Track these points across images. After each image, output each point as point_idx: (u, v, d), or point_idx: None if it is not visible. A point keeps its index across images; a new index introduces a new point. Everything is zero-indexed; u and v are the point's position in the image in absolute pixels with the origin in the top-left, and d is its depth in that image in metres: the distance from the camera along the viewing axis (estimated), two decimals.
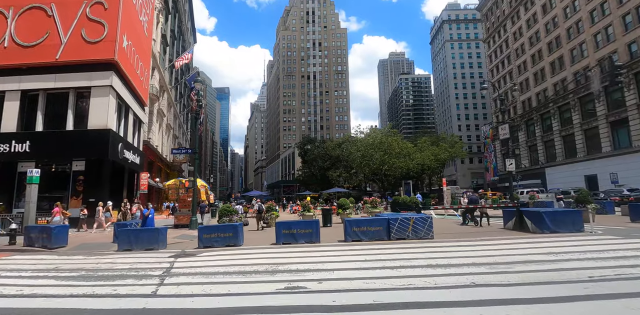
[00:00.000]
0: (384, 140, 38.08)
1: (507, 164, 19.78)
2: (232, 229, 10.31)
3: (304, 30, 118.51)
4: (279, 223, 10.48)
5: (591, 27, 44.04)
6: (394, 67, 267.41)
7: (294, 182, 76.70)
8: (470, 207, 13.65)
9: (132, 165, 22.88)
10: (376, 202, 19.19)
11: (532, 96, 56.42)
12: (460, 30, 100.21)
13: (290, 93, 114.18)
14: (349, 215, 18.25)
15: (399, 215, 10.76)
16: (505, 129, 20.18)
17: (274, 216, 17.93)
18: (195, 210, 16.53)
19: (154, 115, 31.90)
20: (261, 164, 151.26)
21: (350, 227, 10.29)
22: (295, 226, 10.36)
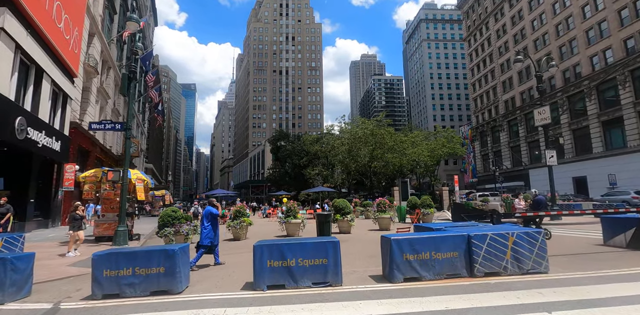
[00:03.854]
0: (376, 132, 33.21)
1: (548, 156, 15.67)
2: (165, 258, 5.02)
3: (276, 23, 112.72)
4: (261, 245, 5.26)
5: (583, 23, 42.13)
6: (366, 69, 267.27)
7: (263, 181, 70.68)
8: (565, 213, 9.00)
9: (47, 153, 16.60)
10: (385, 204, 14.41)
11: (516, 95, 54.48)
12: (438, 31, 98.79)
13: (260, 88, 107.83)
14: (350, 223, 13.26)
15: (479, 229, 5.90)
16: (544, 112, 16.10)
17: (245, 224, 12.56)
18: (124, 215, 10.83)
19: (91, 94, 25.32)
20: (228, 163, 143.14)
21: (400, 254, 5.32)
22: (293, 253, 5.18)
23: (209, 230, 7.51)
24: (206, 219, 7.67)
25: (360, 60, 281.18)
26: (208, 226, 7.55)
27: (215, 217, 7.73)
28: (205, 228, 7.53)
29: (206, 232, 7.52)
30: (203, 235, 7.51)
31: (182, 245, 5.47)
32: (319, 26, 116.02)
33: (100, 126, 11.45)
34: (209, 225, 7.58)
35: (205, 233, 7.52)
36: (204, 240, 7.47)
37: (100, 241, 11.93)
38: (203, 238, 7.48)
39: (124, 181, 10.80)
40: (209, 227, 7.54)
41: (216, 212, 7.78)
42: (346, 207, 13.22)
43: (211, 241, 7.53)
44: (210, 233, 7.52)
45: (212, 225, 7.63)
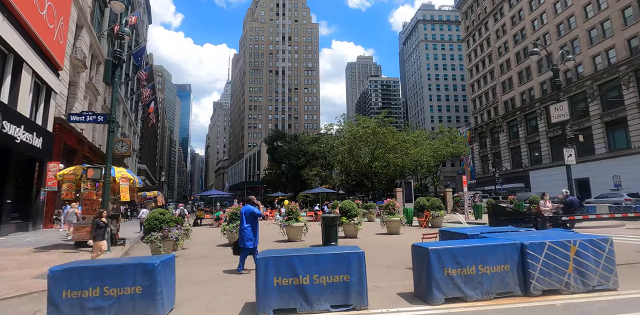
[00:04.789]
0: (378, 131, 32.02)
1: (566, 155, 14.67)
2: (143, 274, 3.91)
3: (273, 23, 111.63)
4: (267, 258, 4.11)
5: (585, 22, 41.53)
6: (362, 71, 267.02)
7: (259, 183, 69.31)
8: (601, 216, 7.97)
9: (27, 149, 15.33)
10: (394, 206, 13.31)
11: (516, 96, 53.83)
12: (435, 31, 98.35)
13: (257, 88, 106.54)
14: (357, 226, 12.15)
15: (529, 236, 4.73)
16: (561, 108, 15.13)
17: None
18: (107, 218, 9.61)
19: (79, 89, 24.03)
20: (223, 164, 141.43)
21: (440, 268, 4.25)
22: (306, 267, 4.09)
23: (249, 231, 6.85)
24: (246, 219, 6.92)
25: (357, 62, 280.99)
26: (248, 227, 6.88)
27: (256, 217, 7.02)
28: (245, 229, 6.87)
29: (247, 233, 6.83)
30: (244, 237, 6.85)
31: (164, 258, 4.32)
32: (315, 26, 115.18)
33: (80, 118, 10.27)
34: (249, 226, 6.90)
35: (246, 235, 6.82)
36: (246, 242, 6.84)
37: (81, 247, 10.70)
38: (245, 240, 6.85)
39: (106, 180, 9.61)
40: (249, 228, 6.87)
41: (258, 212, 7.05)
42: (352, 209, 12.09)
43: (254, 244, 6.89)
44: (251, 234, 6.86)
45: (253, 226, 6.95)
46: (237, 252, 7.04)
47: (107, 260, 4.53)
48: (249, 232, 6.83)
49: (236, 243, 7.09)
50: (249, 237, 6.81)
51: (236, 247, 7.06)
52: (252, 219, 6.96)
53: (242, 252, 6.94)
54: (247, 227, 6.87)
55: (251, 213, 6.94)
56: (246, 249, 6.89)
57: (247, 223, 6.90)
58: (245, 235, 6.84)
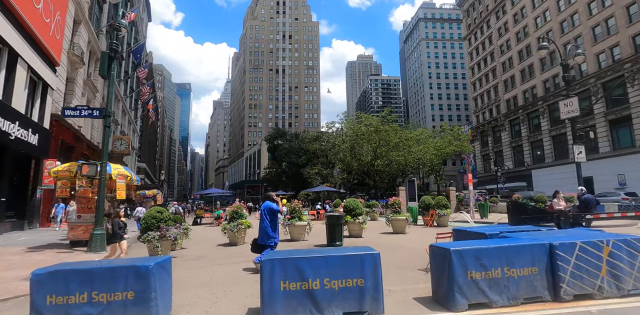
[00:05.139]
0: (381, 128, 31.54)
1: (576, 152, 14.29)
2: (135, 278, 3.60)
3: (273, 21, 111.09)
4: (272, 260, 3.73)
5: (589, 20, 41.10)
6: (362, 70, 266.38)
7: (259, 182, 68.92)
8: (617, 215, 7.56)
9: (22, 146, 14.96)
10: (399, 204, 12.91)
11: (519, 94, 53.43)
12: (436, 30, 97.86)
13: (257, 87, 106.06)
14: (362, 225, 11.76)
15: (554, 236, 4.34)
16: (571, 104, 14.75)
17: (243, 227, 11.01)
18: (102, 216, 9.27)
19: (77, 86, 23.62)
20: (223, 163, 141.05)
21: (463, 271, 3.89)
22: (316, 270, 3.72)
23: (270, 228, 6.66)
24: (266, 216, 6.66)
25: (357, 61, 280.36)
26: (268, 224, 6.68)
27: (275, 214, 6.78)
28: (266, 227, 6.65)
29: (268, 231, 6.63)
30: (264, 234, 6.64)
31: (160, 259, 3.93)
32: (316, 25, 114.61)
33: (75, 112, 9.86)
34: (269, 222, 6.69)
35: (267, 232, 6.62)
36: (267, 240, 6.63)
37: (76, 246, 10.33)
38: (264, 238, 6.65)
39: (102, 177, 9.22)
40: (269, 225, 6.67)
41: (277, 208, 6.80)
42: (357, 208, 11.69)
43: (275, 241, 6.72)
44: (272, 232, 6.69)
45: (272, 223, 6.74)
46: (256, 250, 6.80)
47: (97, 262, 4.14)
48: (270, 230, 6.62)
49: (255, 240, 6.85)
50: (270, 234, 6.61)
51: (255, 244, 6.80)
52: (272, 216, 6.75)
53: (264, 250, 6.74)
54: (267, 225, 6.64)
55: (270, 209, 6.71)
56: (269, 247, 6.71)
57: (267, 220, 6.69)
58: (266, 232, 6.62)
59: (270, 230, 6.64)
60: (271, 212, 6.74)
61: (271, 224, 6.70)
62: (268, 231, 6.63)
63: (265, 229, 6.64)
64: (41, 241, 12.04)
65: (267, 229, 6.64)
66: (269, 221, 6.68)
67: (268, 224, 6.66)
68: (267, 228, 6.64)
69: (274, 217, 6.76)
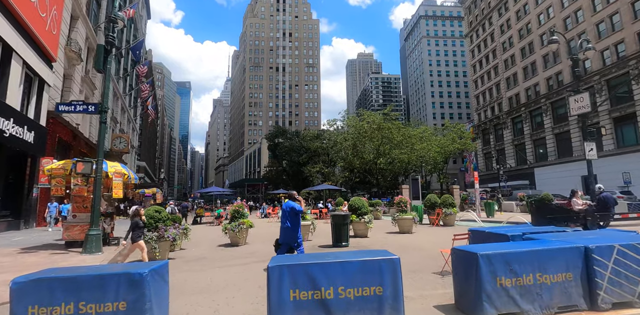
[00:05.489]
0: (383, 126, 31.09)
1: (587, 149, 13.89)
2: (128, 286, 3.24)
3: (273, 19, 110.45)
4: (280, 266, 3.29)
5: (593, 16, 40.63)
6: (362, 68, 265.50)
7: (260, 180, 68.53)
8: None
9: (17, 144, 14.58)
10: (405, 203, 12.53)
11: (521, 91, 52.98)
12: (437, 27, 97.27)
13: (257, 85, 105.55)
14: (368, 225, 11.38)
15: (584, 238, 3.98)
16: (582, 100, 14.33)
17: (245, 227, 10.62)
18: (97, 215, 8.88)
19: (74, 82, 23.20)
20: (223, 161, 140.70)
21: (492, 277, 3.47)
22: (330, 277, 3.29)
23: (291, 229, 6.45)
24: (288, 216, 6.49)
25: (357, 59, 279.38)
26: (290, 225, 6.47)
27: (297, 214, 6.57)
28: (288, 227, 6.46)
29: (290, 231, 6.44)
30: (288, 235, 6.46)
31: (155, 265, 3.53)
32: (316, 22, 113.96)
33: (69, 108, 9.46)
34: (291, 223, 6.49)
35: (289, 233, 6.45)
36: (289, 240, 6.47)
37: (72, 247, 9.95)
38: (288, 238, 6.47)
39: (97, 175, 8.83)
40: (291, 226, 6.47)
41: (299, 208, 6.53)
42: (363, 207, 11.29)
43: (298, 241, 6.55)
44: (294, 232, 6.50)
45: (296, 223, 6.53)
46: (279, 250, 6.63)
47: (85, 268, 3.74)
48: (292, 230, 6.42)
49: (277, 240, 6.68)
50: (293, 234, 6.42)
51: (278, 245, 6.62)
52: (294, 216, 6.53)
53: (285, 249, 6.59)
54: (289, 225, 6.44)
55: (293, 209, 6.49)
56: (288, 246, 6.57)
57: (289, 220, 6.50)
58: (289, 233, 6.43)
59: (293, 231, 6.48)
60: (294, 212, 6.53)
61: (294, 224, 6.52)
62: (291, 231, 6.45)
63: (288, 229, 6.45)
64: (36, 241, 11.67)
65: (290, 229, 6.46)
66: (292, 221, 6.50)
67: (290, 224, 6.47)
68: (290, 228, 6.46)
69: (296, 217, 6.55)
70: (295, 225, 6.53)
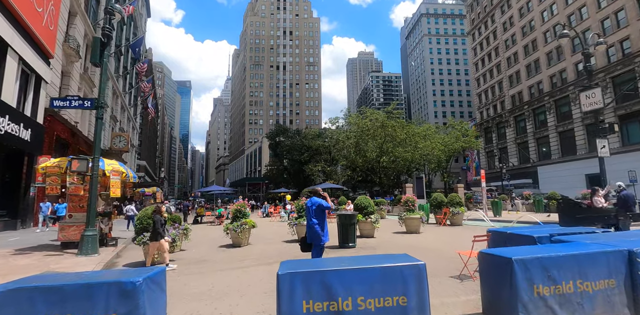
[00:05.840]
0: (387, 123, 30.62)
1: (599, 146, 13.50)
2: (119, 296, 2.79)
3: (274, 17, 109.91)
4: (292, 274, 2.86)
5: (598, 12, 40.14)
6: (363, 67, 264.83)
7: (260, 179, 68.15)
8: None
9: (13, 142, 14.21)
10: (413, 202, 12.14)
11: (524, 90, 52.46)
12: (439, 25, 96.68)
13: (257, 84, 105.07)
14: (375, 225, 10.99)
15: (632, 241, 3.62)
16: (594, 96, 13.92)
17: (247, 227, 10.23)
18: (94, 215, 8.51)
19: (72, 80, 22.81)
20: (224, 160, 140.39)
21: (529, 285, 3.04)
22: (347, 286, 2.86)
23: (318, 227, 6.14)
24: (314, 214, 6.17)
25: (358, 58, 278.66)
26: (317, 222, 6.16)
27: (324, 211, 6.24)
28: (314, 225, 6.14)
29: (316, 229, 6.12)
30: (314, 233, 6.13)
31: (151, 272, 3.14)
32: (316, 21, 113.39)
33: (64, 103, 9.07)
34: (318, 220, 6.17)
35: (315, 231, 6.13)
36: (314, 238, 6.13)
37: (68, 248, 9.58)
38: (314, 237, 6.14)
39: (94, 172, 8.44)
40: (318, 224, 6.15)
41: (327, 205, 6.19)
42: (369, 206, 10.91)
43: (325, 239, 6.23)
44: (321, 230, 6.17)
45: (322, 221, 6.22)
46: (305, 249, 6.34)
47: (73, 275, 3.35)
48: (318, 228, 6.10)
49: (303, 239, 6.36)
50: (319, 233, 6.09)
51: (304, 243, 6.31)
52: (320, 213, 6.22)
53: (313, 248, 6.29)
54: (315, 223, 6.11)
55: (318, 206, 6.17)
56: (318, 246, 6.28)
57: (315, 218, 6.18)
58: (316, 231, 6.12)
59: (319, 229, 6.16)
60: (320, 209, 6.20)
61: (320, 221, 6.21)
62: (318, 229, 6.13)
63: (314, 226, 6.13)
64: (32, 242, 11.30)
65: (316, 227, 6.14)
66: (317, 219, 6.19)
67: (315, 222, 6.15)
68: (315, 226, 6.15)
69: (322, 214, 6.22)
70: (323, 223, 6.25)
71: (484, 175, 19.24)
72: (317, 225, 6.12)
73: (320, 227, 6.13)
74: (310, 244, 6.23)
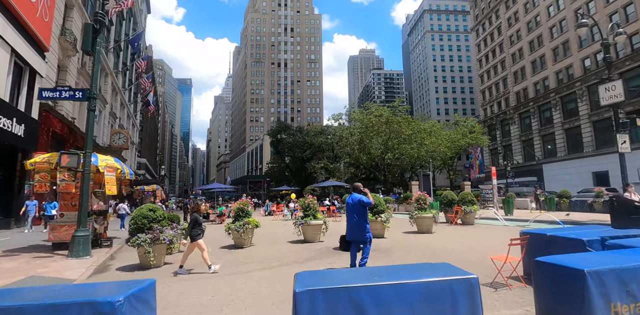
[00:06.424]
0: (392, 119, 29.85)
1: (620, 141, 12.86)
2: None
3: (275, 14, 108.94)
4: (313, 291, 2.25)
5: (606, 7, 39.30)
6: (364, 64, 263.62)
7: (262, 177, 67.59)
8: None
9: (6, 137, 13.64)
10: (425, 200, 11.50)
11: (529, 86, 51.66)
12: (442, 22, 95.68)
13: (258, 81, 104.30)
14: (385, 224, 10.38)
15: None
16: (614, 88, 13.25)
17: (250, 227, 9.62)
18: (85, 214, 7.91)
19: (69, 74, 22.19)
20: (224, 158, 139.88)
21: (605, 302, 2.40)
22: (384, 307, 2.21)
23: (361, 224, 5.97)
24: (355, 210, 5.96)
25: (359, 55, 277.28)
26: (358, 219, 5.96)
27: (365, 207, 6.02)
28: (358, 221, 5.96)
29: (361, 226, 5.96)
30: (358, 230, 5.94)
31: (136, 288, 2.50)
32: (318, 17, 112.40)
33: (54, 94, 8.44)
34: (359, 217, 5.97)
35: (360, 228, 5.95)
36: (359, 236, 5.95)
37: (59, 249, 9.00)
38: (357, 234, 5.96)
39: (85, 168, 7.83)
40: (360, 221, 5.97)
41: (368, 201, 5.96)
42: (379, 205, 10.26)
43: (369, 236, 6.03)
44: (364, 227, 6.00)
45: (364, 218, 6.04)
46: (346, 247, 6.21)
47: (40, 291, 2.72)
48: (362, 226, 5.93)
49: (343, 237, 6.20)
50: (362, 231, 5.92)
51: (345, 242, 6.14)
52: (362, 209, 5.99)
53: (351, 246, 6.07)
54: (358, 219, 5.89)
55: (360, 202, 5.95)
56: (368, 242, 6.08)
57: (357, 214, 5.97)
58: (360, 228, 5.93)
59: (363, 225, 5.97)
60: (362, 205, 5.96)
61: (363, 218, 6.00)
62: (362, 226, 5.95)
63: (358, 223, 5.94)
64: (23, 242, 10.73)
65: (360, 224, 5.95)
66: (359, 216, 5.95)
67: (359, 219, 5.93)
68: (359, 223, 5.95)
69: (365, 210, 5.98)
70: (365, 220, 6.00)
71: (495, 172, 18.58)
72: (358, 222, 5.91)
73: (363, 224, 5.93)
74: (349, 243, 6.04)
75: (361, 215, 5.97)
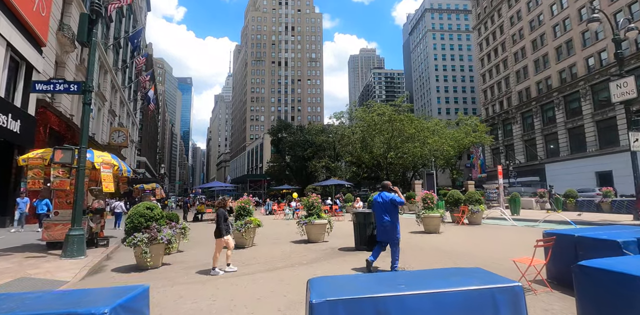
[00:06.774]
0: (395, 117, 29.45)
1: (632, 139, 12.49)
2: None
3: (275, 13, 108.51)
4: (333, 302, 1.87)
5: (610, 6, 38.93)
6: (365, 63, 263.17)
7: (262, 176, 67.24)
8: None
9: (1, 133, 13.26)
10: (432, 199, 11.14)
11: (532, 85, 51.31)
12: (443, 21, 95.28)
13: (259, 80, 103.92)
14: None
15: None
16: (626, 85, 12.90)
17: (252, 226, 9.27)
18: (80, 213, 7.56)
19: (67, 70, 21.82)
20: (224, 157, 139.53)
21: None
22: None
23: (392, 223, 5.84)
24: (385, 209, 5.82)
25: (359, 55, 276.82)
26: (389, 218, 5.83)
27: (396, 206, 5.89)
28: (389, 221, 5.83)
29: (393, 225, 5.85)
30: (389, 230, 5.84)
31: (125, 297, 2.14)
32: (319, 16, 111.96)
33: (48, 86, 8.09)
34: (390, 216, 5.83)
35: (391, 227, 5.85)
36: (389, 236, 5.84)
37: (54, 249, 8.65)
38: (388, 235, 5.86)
39: (80, 164, 7.48)
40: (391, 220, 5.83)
41: (400, 200, 5.84)
42: None
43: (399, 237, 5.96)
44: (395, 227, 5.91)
45: (394, 217, 5.90)
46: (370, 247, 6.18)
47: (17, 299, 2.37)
48: (393, 225, 5.81)
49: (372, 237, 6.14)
50: (393, 231, 5.81)
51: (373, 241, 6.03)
52: (393, 208, 5.85)
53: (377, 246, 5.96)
54: (389, 220, 5.74)
55: (391, 200, 5.81)
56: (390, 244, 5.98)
57: (389, 214, 5.82)
58: (389, 229, 5.80)
59: (395, 225, 5.89)
60: (393, 204, 5.84)
61: (395, 218, 5.89)
62: (395, 226, 5.85)
63: (389, 224, 5.82)
64: (17, 242, 10.39)
65: (393, 224, 5.86)
66: (391, 215, 5.83)
67: (390, 219, 5.81)
68: (392, 223, 5.85)
69: (396, 210, 5.81)
70: (397, 220, 5.87)
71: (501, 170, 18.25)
72: (389, 221, 5.77)
73: (394, 223, 5.80)
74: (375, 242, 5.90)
75: (393, 215, 5.79)
